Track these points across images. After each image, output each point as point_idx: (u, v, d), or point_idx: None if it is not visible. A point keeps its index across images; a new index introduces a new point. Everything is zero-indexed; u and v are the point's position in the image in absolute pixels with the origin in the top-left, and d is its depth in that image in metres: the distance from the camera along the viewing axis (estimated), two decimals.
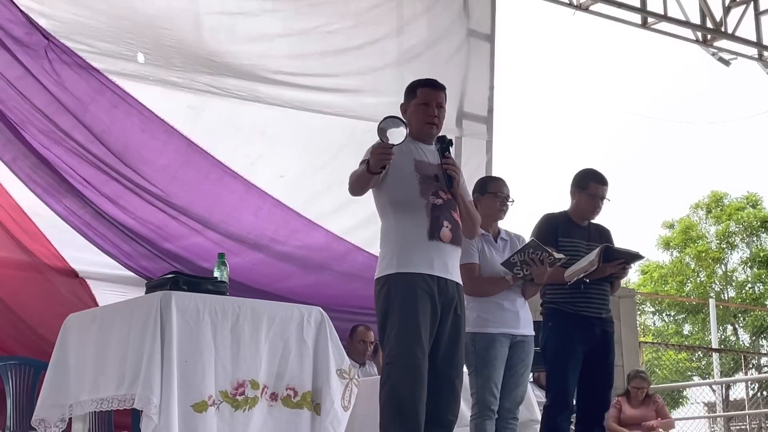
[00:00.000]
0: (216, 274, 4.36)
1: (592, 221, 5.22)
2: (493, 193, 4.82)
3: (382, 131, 3.88)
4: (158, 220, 6.43)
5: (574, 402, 5.13)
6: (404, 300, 3.90)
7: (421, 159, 4.11)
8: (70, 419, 4.29)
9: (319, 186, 7.11)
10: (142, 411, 3.77)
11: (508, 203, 4.85)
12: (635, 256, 5.06)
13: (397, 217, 4.01)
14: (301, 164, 7.10)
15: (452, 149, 4.19)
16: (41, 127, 5.88)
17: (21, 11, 5.70)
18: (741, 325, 25.55)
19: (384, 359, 3.96)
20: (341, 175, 6.94)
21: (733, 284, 26.13)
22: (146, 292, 4.21)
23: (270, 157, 6.91)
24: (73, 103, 5.98)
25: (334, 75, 7.20)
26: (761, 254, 25.47)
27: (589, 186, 5.15)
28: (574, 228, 5.12)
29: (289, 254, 6.97)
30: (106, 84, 6.05)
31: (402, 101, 4.27)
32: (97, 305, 5.94)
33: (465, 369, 4.66)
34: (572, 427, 5.18)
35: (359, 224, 6.87)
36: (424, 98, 4.18)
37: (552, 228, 5.06)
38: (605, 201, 5.16)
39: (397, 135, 3.91)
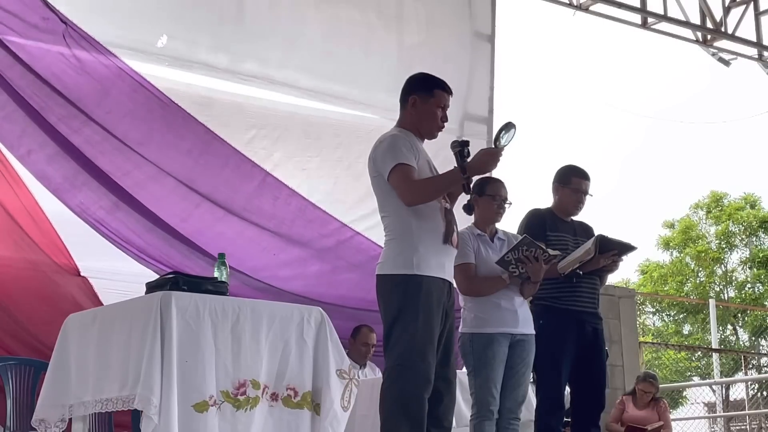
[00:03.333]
0: (216, 274, 4.36)
1: (575, 218, 5.21)
2: (491, 195, 4.80)
3: (501, 135, 3.98)
4: (180, 209, 6.41)
5: (568, 403, 5.14)
6: (423, 304, 3.86)
7: (428, 159, 4.11)
8: (70, 419, 4.30)
9: (327, 181, 7.14)
10: (142, 411, 3.78)
11: (505, 206, 4.84)
12: (628, 247, 5.05)
13: (418, 217, 3.94)
14: (309, 159, 7.13)
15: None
16: (61, 114, 5.85)
17: None
18: (741, 325, 25.55)
19: (394, 359, 3.88)
20: (349, 172, 7.07)
21: (733, 284, 26.13)
22: (146, 293, 4.21)
23: (283, 152, 6.94)
24: (94, 87, 5.98)
25: (335, 74, 7.22)
26: (760, 254, 25.46)
27: (572, 181, 5.15)
28: (560, 223, 5.12)
29: (307, 244, 6.97)
30: (125, 70, 6.06)
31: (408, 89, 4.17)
32: (100, 304, 5.94)
33: (464, 369, 4.69)
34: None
35: (368, 220, 6.89)
36: (440, 101, 4.12)
37: (540, 222, 5.06)
38: (588, 196, 5.16)
39: (509, 137, 3.99)
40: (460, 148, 4.04)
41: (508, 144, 4.03)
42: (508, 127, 4.05)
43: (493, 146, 4.06)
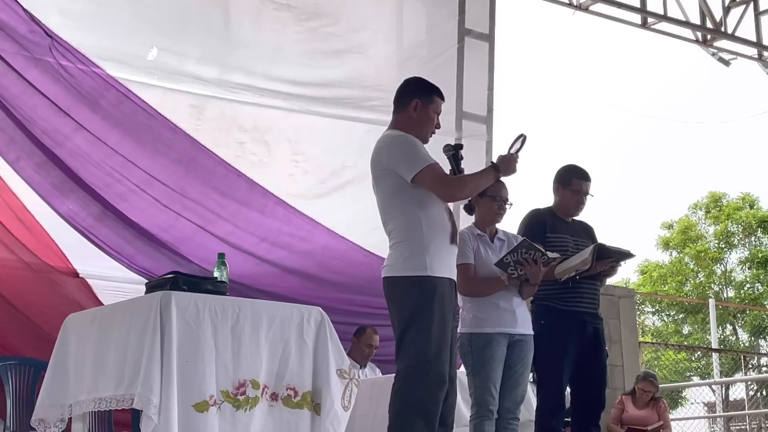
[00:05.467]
0: (216, 274, 4.36)
1: (576, 218, 5.22)
2: (491, 196, 4.79)
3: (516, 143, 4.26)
4: (162, 221, 6.43)
5: (568, 403, 5.14)
6: (438, 305, 3.88)
7: None
8: (70, 419, 4.29)
9: (319, 185, 7.13)
10: (141, 411, 3.78)
11: (505, 206, 4.84)
12: (626, 255, 5.05)
13: (428, 219, 3.96)
14: (300, 163, 7.12)
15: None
16: (45, 127, 5.89)
17: (24, 9, 5.73)
18: (740, 325, 25.54)
19: (409, 359, 3.87)
20: (341, 175, 7.07)
21: (732, 284, 26.13)
22: (146, 292, 4.22)
23: (272, 157, 6.93)
24: (86, 97, 6.00)
25: (332, 76, 7.21)
26: (760, 255, 25.46)
27: (572, 182, 5.15)
28: (560, 224, 5.12)
29: (291, 251, 6.97)
30: (110, 82, 6.08)
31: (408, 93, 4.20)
32: (100, 305, 5.94)
33: (462, 369, 4.69)
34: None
35: (358, 223, 6.88)
36: (437, 108, 4.17)
37: (540, 223, 5.06)
38: (588, 197, 5.16)
39: (518, 146, 4.29)
40: (454, 151, 4.09)
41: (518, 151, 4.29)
42: (521, 139, 4.32)
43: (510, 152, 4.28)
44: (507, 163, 4.18)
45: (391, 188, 3.99)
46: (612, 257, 4.98)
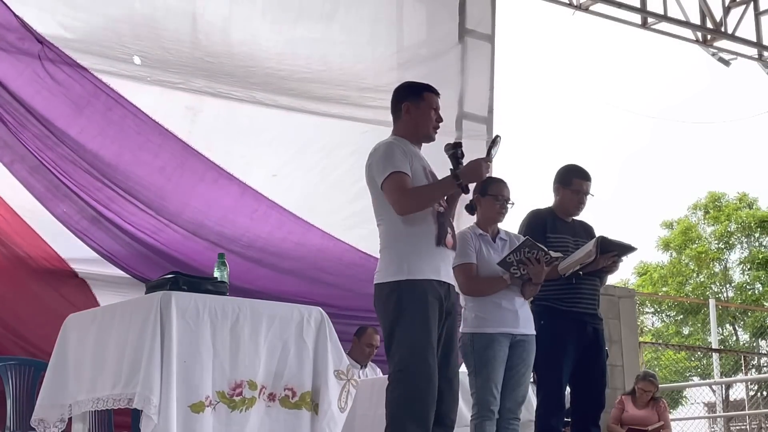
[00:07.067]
0: (216, 274, 4.36)
1: (576, 218, 5.22)
2: (493, 195, 4.81)
3: (493, 146, 4.13)
4: (152, 225, 6.44)
5: (568, 403, 5.14)
6: (418, 307, 3.89)
7: (425, 165, 4.12)
8: (70, 419, 4.29)
9: (314, 186, 7.12)
10: (141, 411, 3.78)
11: (507, 206, 4.85)
12: (628, 248, 5.05)
13: (408, 223, 3.96)
14: (296, 165, 7.11)
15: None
16: (36, 132, 5.91)
17: (15, 15, 5.72)
18: (740, 325, 25.51)
19: (395, 364, 3.91)
20: (337, 176, 7.06)
21: (733, 285, 26.10)
22: (146, 292, 4.21)
23: (266, 158, 6.92)
24: (68, 106, 6.00)
25: (331, 77, 7.20)
26: (760, 256, 25.42)
27: (573, 182, 5.15)
28: (561, 224, 5.13)
29: (283, 256, 6.96)
30: (101, 87, 6.08)
31: (398, 99, 4.20)
32: (98, 305, 5.94)
33: (464, 369, 4.69)
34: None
35: (354, 224, 6.88)
36: (432, 103, 4.16)
37: (540, 223, 5.06)
38: (589, 196, 5.16)
39: (497, 150, 4.16)
40: (454, 150, 4.09)
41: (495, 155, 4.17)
42: (496, 141, 4.21)
43: (486, 156, 4.13)
44: (472, 170, 4.00)
45: (379, 194, 4.02)
46: (614, 251, 4.98)
